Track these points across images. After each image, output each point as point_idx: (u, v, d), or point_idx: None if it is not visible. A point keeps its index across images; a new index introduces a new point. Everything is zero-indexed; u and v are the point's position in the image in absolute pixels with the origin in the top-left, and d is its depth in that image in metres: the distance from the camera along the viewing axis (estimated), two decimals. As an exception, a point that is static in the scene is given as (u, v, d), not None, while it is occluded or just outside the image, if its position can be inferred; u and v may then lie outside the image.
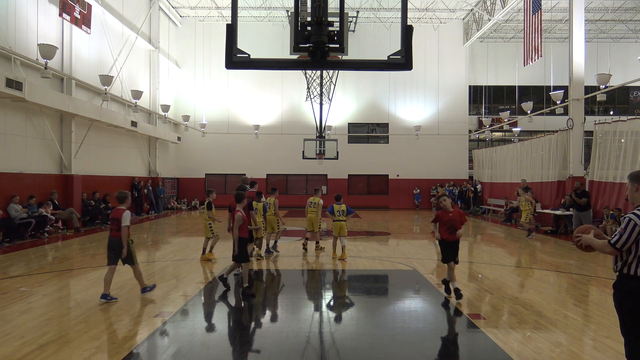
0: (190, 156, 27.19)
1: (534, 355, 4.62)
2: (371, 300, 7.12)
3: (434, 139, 27.12)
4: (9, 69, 12.40)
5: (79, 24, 15.13)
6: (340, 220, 10.08)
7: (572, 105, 16.47)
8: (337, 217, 10.09)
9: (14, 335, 5.06)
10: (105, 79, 16.71)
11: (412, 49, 4.38)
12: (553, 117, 23.37)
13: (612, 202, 13.70)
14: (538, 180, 18.64)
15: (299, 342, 5.05)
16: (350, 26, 25.45)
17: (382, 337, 5.20)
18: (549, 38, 26.47)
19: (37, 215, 13.04)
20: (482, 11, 23.98)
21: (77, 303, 6.56)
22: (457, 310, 6.29)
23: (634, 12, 25.32)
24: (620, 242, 3.38)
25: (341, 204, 10.22)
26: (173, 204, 25.53)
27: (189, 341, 5.04)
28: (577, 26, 16.22)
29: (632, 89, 28.74)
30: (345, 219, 10.18)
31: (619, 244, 3.38)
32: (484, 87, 28.60)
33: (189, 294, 7.06)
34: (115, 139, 19.40)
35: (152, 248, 12.16)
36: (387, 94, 27.55)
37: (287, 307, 6.57)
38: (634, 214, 3.40)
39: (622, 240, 3.38)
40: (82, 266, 9.16)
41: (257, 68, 5.34)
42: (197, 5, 25.32)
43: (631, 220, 3.37)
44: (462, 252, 11.79)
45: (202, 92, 27.06)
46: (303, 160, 21.07)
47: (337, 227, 10.11)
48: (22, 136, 13.59)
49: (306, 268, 9.47)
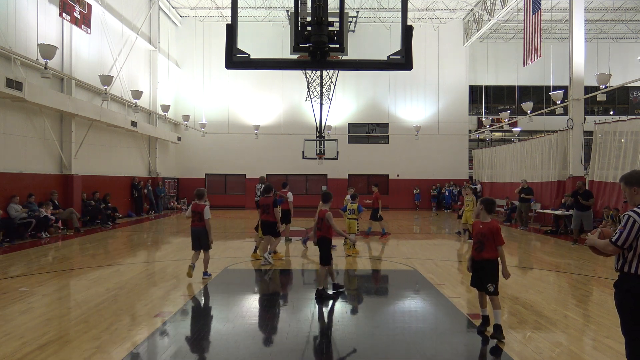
0: (190, 156, 27.20)
1: (534, 355, 4.62)
2: (371, 300, 7.12)
3: (434, 139, 27.12)
4: (9, 69, 12.40)
5: (79, 24, 15.13)
6: (352, 219, 10.88)
7: (572, 105, 16.47)
8: (349, 215, 10.96)
9: (14, 335, 5.06)
10: (105, 79, 16.71)
11: (412, 49, 4.38)
12: (553, 117, 23.38)
13: (612, 202, 13.69)
14: (538, 180, 18.64)
15: (299, 342, 5.05)
16: (350, 26, 25.45)
17: (382, 337, 5.20)
18: (549, 38, 26.49)
19: (37, 215, 13.05)
20: (482, 11, 23.98)
21: (77, 303, 6.56)
22: (457, 310, 6.29)
23: (634, 12, 25.32)
24: (620, 240, 3.40)
25: (355, 202, 10.98)
26: (173, 203, 25.53)
27: (189, 341, 5.04)
28: (577, 26, 16.23)
29: (632, 89, 28.75)
30: (357, 217, 11.07)
31: (620, 241, 3.40)
32: (484, 87, 28.61)
33: (189, 294, 7.06)
34: (115, 139, 19.40)
35: (152, 248, 12.16)
36: (387, 94, 27.56)
37: (287, 307, 6.57)
38: (634, 211, 3.42)
39: (622, 237, 3.39)
40: (82, 266, 9.16)
41: (257, 68, 5.34)
42: (197, 5, 25.32)
43: (630, 217, 3.40)
44: (462, 251, 11.85)
45: (202, 92, 27.06)
46: (303, 160, 21.07)
47: (347, 224, 11.01)
48: (22, 136, 13.59)
49: (306, 268, 9.46)
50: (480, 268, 5.22)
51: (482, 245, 5.17)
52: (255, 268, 9.29)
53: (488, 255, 5.15)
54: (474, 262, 5.29)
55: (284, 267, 9.45)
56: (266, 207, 9.38)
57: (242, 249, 11.62)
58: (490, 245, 5.13)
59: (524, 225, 16.88)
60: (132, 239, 13.86)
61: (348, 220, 11.07)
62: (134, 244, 12.82)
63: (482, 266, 5.20)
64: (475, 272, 5.29)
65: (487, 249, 5.15)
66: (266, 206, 9.38)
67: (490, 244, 5.13)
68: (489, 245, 5.13)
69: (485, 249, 5.15)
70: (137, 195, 20.81)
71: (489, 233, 5.14)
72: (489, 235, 5.13)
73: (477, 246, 5.24)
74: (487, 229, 5.18)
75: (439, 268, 9.17)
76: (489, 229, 5.17)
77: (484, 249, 5.16)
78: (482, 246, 5.17)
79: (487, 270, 5.17)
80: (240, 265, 9.46)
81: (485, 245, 5.15)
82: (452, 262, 10.07)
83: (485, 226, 5.20)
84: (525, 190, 16.75)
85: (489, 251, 5.14)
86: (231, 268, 9.16)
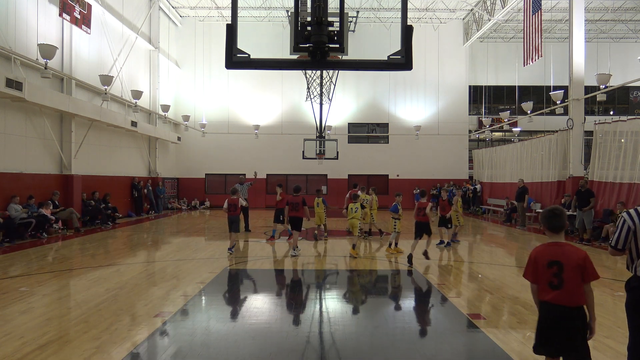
0: (190, 156, 27.19)
1: (534, 356, 4.61)
2: (371, 300, 7.12)
3: (434, 139, 27.12)
4: (9, 69, 12.40)
5: (79, 24, 15.13)
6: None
7: (572, 105, 16.47)
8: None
9: (14, 335, 5.06)
10: (105, 79, 16.70)
11: (412, 49, 4.37)
12: (553, 117, 23.38)
13: (612, 202, 13.70)
14: (538, 180, 18.64)
15: (299, 342, 5.05)
16: (350, 26, 25.45)
17: (382, 337, 5.20)
18: (549, 38, 26.48)
19: (37, 215, 13.05)
20: (482, 11, 23.98)
21: (77, 303, 6.56)
22: (457, 310, 6.29)
23: (634, 12, 25.33)
24: (614, 241, 3.37)
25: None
26: (173, 203, 25.54)
27: (189, 341, 5.04)
28: (577, 26, 16.22)
29: (632, 89, 28.75)
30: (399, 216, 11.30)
31: (614, 242, 3.37)
32: (484, 87, 28.60)
33: (189, 294, 7.05)
34: (115, 139, 19.40)
35: (152, 248, 12.15)
36: (387, 94, 27.55)
37: (287, 307, 6.57)
38: (627, 212, 3.39)
39: (614, 239, 3.37)
40: (82, 266, 9.16)
41: (257, 68, 5.34)
42: (197, 5, 25.32)
43: (622, 217, 3.37)
44: (462, 251, 11.85)
45: (202, 92, 27.06)
46: (303, 160, 21.06)
47: (391, 223, 11.42)
48: (22, 136, 13.59)
49: (306, 268, 9.47)
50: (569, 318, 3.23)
51: (562, 283, 3.22)
52: (256, 268, 9.30)
53: (577, 301, 3.23)
54: (552, 310, 3.25)
55: (285, 268, 9.45)
56: (295, 205, 10.66)
57: (242, 249, 11.63)
58: (578, 281, 3.22)
59: (522, 224, 17.00)
60: (132, 239, 13.86)
61: (393, 219, 11.41)
62: (134, 244, 12.82)
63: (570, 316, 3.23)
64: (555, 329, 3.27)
65: (574, 288, 3.22)
66: (295, 204, 10.66)
67: (576, 280, 3.21)
68: (576, 281, 3.21)
69: (569, 288, 3.21)
70: (137, 195, 20.82)
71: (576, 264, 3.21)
72: (578, 267, 3.20)
73: (555, 282, 3.24)
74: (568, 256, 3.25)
75: (439, 268, 9.16)
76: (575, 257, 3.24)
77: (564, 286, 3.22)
78: (562, 283, 3.22)
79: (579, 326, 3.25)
80: (240, 265, 9.47)
81: (568, 283, 3.21)
82: (452, 262, 10.07)
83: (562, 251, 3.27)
84: (521, 189, 17.00)
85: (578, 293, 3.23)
86: (231, 268, 9.16)
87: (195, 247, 12.20)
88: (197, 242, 13.15)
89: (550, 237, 3.35)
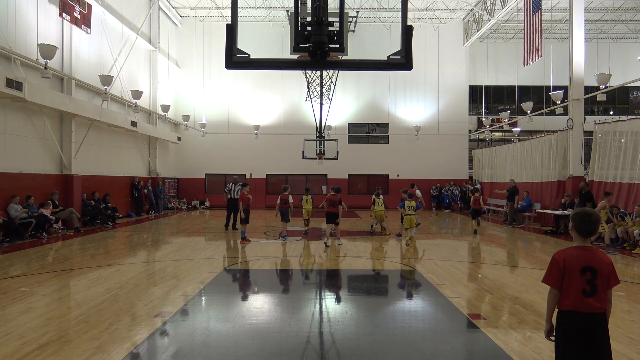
0: (190, 156, 27.19)
1: (534, 355, 4.62)
2: (371, 300, 7.12)
3: (434, 139, 27.12)
4: (9, 69, 12.40)
5: (79, 24, 15.13)
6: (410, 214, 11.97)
7: (572, 105, 16.47)
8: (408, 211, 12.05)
9: (14, 335, 5.06)
10: (105, 79, 16.71)
11: (412, 49, 4.37)
12: (553, 117, 23.38)
13: (611, 202, 13.68)
14: (538, 180, 18.64)
15: (299, 342, 5.05)
16: (350, 26, 25.45)
17: (382, 337, 5.20)
18: (549, 38, 26.47)
19: (37, 215, 13.05)
20: (482, 11, 23.98)
21: (77, 303, 6.56)
22: (457, 310, 6.29)
23: (634, 12, 25.33)
24: None
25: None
26: (173, 203, 25.54)
27: (189, 341, 5.03)
28: (577, 26, 16.22)
29: (632, 89, 28.74)
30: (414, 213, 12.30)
31: None
32: (484, 87, 28.60)
33: (189, 294, 7.05)
34: (115, 139, 19.40)
35: (152, 248, 12.15)
36: (387, 94, 27.55)
37: (287, 307, 6.57)
38: None
39: None
40: (82, 266, 9.16)
41: (257, 68, 5.34)
42: (197, 5, 25.32)
43: None
44: (462, 251, 11.87)
45: (202, 92, 27.06)
46: (303, 160, 21.07)
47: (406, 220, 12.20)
48: (22, 136, 13.59)
49: (306, 268, 9.47)
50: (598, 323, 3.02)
51: (596, 290, 3.03)
52: (256, 268, 9.30)
53: (603, 307, 3.04)
54: (581, 320, 3.03)
55: (284, 267, 9.45)
56: (332, 202, 12.04)
57: (242, 249, 11.63)
58: (605, 287, 3.06)
59: (509, 223, 17.50)
60: (132, 239, 13.86)
61: (407, 216, 12.12)
62: (134, 244, 12.82)
63: (598, 320, 3.02)
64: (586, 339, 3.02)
65: (602, 295, 3.05)
66: (333, 201, 12.03)
67: (604, 287, 3.06)
68: (604, 287, 3.06)
69: (600, 295, 3.03)
70: (137, 195, 20.81)
71: (607, 270, 3.04)
72: (609, 272, 3.04)
73: (589, 289, 3.03)
74: (600, 262, 3.07)
75: (439, 268, 9.17)
76: (605, 262, 3.08)
77: (597, 293, 3.03)
78: (596, 290, 3.03)
79: (606, 330, 3.04)
80: (240, 265, 9.47)
81: (600, 290, 3.04)
82: (452, 262, 10.07)
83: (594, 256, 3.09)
84: (512, 190, 17.41)
85: (605, 300, 3.05)
86: (231, 268, 9.16)
87: (195, 247, 12.20)
88: (197, 242, 13.15)
89: (577, 240, 3.18)
